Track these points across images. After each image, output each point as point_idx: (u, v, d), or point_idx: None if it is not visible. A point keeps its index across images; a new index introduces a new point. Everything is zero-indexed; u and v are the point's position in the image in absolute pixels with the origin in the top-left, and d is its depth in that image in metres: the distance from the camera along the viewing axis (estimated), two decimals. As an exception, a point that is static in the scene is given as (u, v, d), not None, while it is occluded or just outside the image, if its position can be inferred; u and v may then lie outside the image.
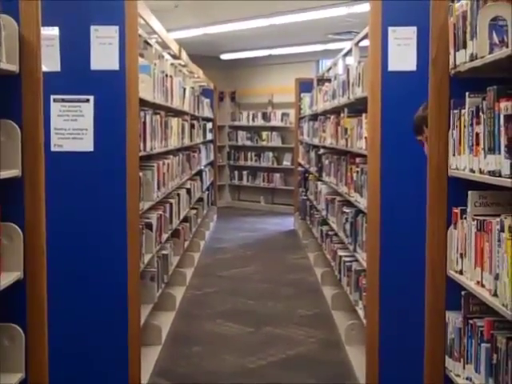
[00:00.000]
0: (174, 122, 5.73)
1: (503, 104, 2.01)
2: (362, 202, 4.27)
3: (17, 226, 2.42)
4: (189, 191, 6.99)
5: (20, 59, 2.40)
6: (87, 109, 3.45)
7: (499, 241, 2.08)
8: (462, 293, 2.44)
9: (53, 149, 3.43)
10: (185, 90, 6.66)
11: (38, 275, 2.48)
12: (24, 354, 2.44)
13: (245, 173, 12.71)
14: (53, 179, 2.90)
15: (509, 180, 1.97)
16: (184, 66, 7.53)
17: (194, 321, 5.36)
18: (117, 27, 3.44)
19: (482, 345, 2.25)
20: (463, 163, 2.39)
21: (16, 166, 2.40)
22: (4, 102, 2.42)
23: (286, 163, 12.09)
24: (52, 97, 3.42)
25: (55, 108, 3.44)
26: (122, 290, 3.53)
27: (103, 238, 3.51)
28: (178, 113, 6.19)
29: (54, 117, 3.44)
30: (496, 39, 2.12)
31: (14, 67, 2.36)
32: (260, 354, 4.56)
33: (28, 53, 2.41)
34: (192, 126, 7.42)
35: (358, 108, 4.71)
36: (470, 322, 2.37)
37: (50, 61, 3.35)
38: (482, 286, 2.23)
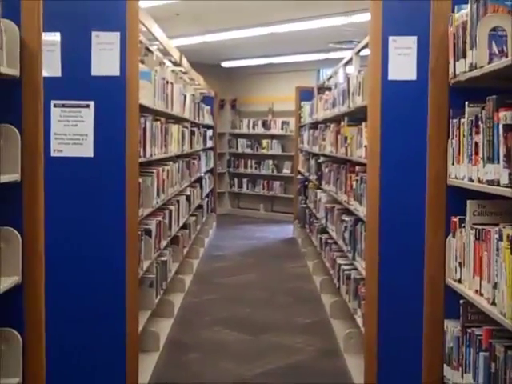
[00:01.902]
0: (174, 128, 5.73)
1: (502, 114, 2.02)
2: (362, 211, 4.27)
3: (15, 231, 2.42)
4: (188, 198, 6.99)
5: (21, 64, 2.40)
6: (87, 114, 3.46)
7: (498, 250, 2.08)
8: (461, 301, 2.44)
9: (53, 154, 3.44)
10: (185, 96, 6.67)
11: (36, 280, 2.48)
12: (21, 358, 2.44)
13: (245, 180, 12.72)
14: (52, 184, 2.91)
15: (507, 189, 1.97)
16: (185, 73, 7.55)
17: (192, 328, 5.35)
18: (118, 33, 3.45)
19: (481, 353, 2.25)
20: (462, 172, 2.39)
21: (15, 171, 2.40)
22: (4, 107, 2.43)
23: (286, 171, 12.10)
24: (52, 102, 3.42)
25: (55, 113, 3.44)
26: (120, 296, 3.52)
27: (102, 244, 3.50)
28: (179, 119, 6.20)
29: (55, 122, 3.44)
30: (495, 49, 2.13)
31: (14, 71, 2.37)
32: (258, 363, 4.54)
33: (29, 57, 2.42)
34: (192, 133, 7.43)
35: (358, 117, 4.72)
36: (469, 330, 2.37)
37: (51, 66, 3.36)
38: (481, 294, 2.23)
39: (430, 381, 2.63)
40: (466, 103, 2.36)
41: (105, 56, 3.45)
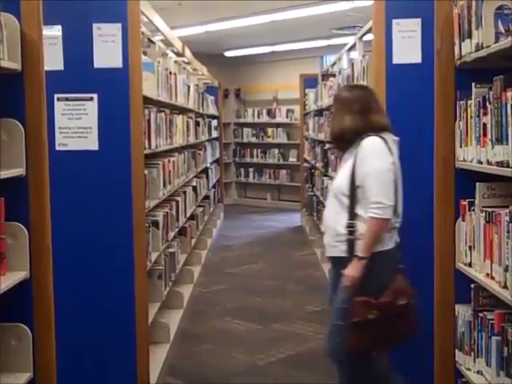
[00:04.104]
0: (179, 119, 5.71)
1: (510, 93, 1.99)
2: (369, 197, 4.24)
3: (22, 225, 2.41)
4: (195, 189, 6.98)
5: (22, 57, 2.38)
6: (91, 107, 3.44)
7: (508, 232, 2.06)
8: (472, 285, 2.42)
9: (58, 148, 3.42)
10: (189, 87, 6.64)
11: (44, 274, 2.48)
12: (32, 353, 2.43)
13: (251, 170, 12.70)
14: (58, 178, 2.89)
15: (517, 170, 1.95)
16: (188, 63, 7.51)
17: (202, 318, 5.35)
18: (119, 25, 3.42)
19: (493, 338, 2.23)
20: (470, 155, 2.37)
21: (20, 165, 2.39)
22: (7, 101, 2.41)
23: (292, 159, 12.07)
24: (56, 96, 3.40)
25: (59, 107, 3.43)
26: (129, 289, 3.52)
27: (109, 237, 3.50)
28: (183, 110, 6.18)
29: (58, 116, 3.43)
30: (501, 28, 2.10)
31: (15, 65, 2.35)
32: (269, 351, 4.54)
33: (30, 51, 2.40)
34: (197, 124, 7.41)
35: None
36: (480, 314, 2.36)
37: (53, 59, 3.34)
38: (492, 278, 2.21)
39: (442, 366, 2.62)
40: (473, 84, 2.33)
41: (107, 48, 3.43)
